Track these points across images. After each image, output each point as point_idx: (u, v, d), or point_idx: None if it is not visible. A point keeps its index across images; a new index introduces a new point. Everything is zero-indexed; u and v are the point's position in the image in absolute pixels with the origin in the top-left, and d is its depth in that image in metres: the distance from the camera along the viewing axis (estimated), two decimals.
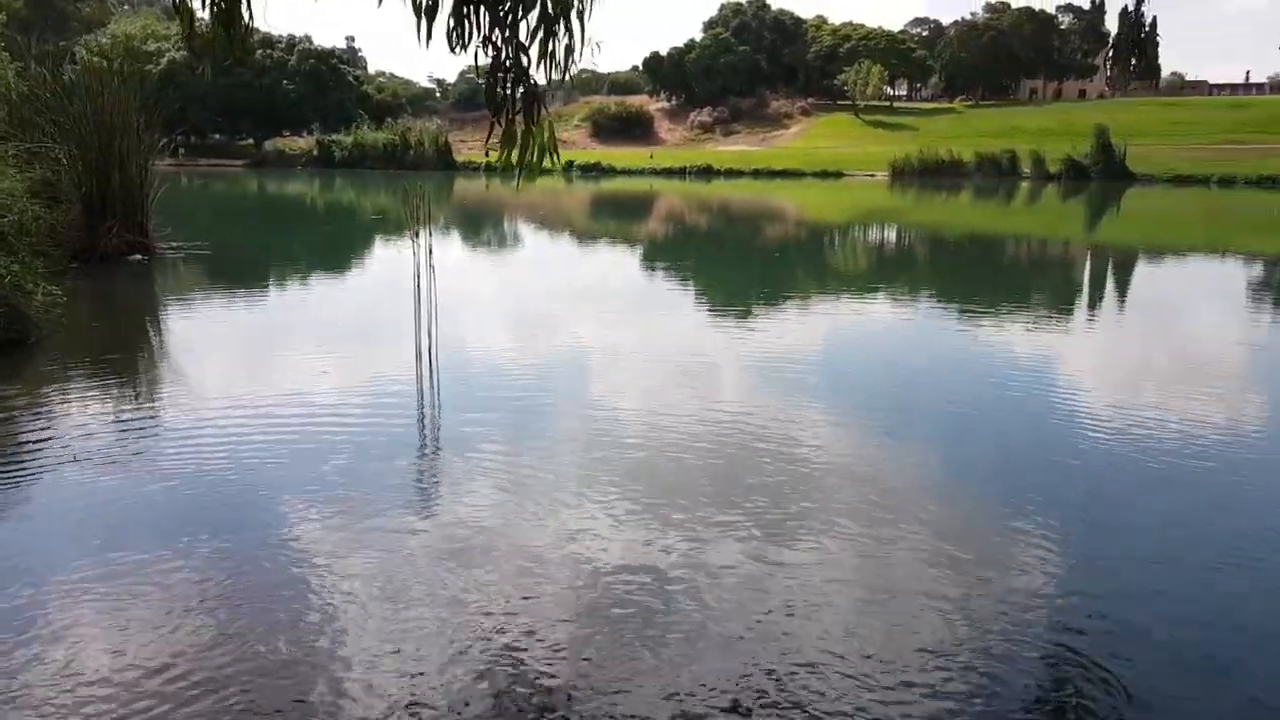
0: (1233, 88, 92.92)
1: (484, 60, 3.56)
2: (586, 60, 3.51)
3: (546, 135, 3.72)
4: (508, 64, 3.52)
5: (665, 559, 5.70)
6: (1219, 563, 5.84)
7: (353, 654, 4.60)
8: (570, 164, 75.04)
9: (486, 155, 4.15)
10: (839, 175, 65.19)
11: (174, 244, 20.27)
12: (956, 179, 61.49)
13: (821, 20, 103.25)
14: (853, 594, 5.32)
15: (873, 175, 64.56)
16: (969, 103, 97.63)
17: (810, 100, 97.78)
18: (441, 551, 5.76)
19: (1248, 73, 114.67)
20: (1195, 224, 37.14)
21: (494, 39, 3.49)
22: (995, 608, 5.16)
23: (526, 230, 32.34)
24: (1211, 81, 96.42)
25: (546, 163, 3.96)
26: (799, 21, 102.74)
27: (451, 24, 3.44)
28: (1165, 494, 6.99)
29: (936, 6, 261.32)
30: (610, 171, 72.27)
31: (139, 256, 18.42)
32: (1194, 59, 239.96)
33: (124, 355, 11.38)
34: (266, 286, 17.82)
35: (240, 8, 3.57)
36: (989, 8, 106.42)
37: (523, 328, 13.37)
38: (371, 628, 4.84)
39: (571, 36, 3.49)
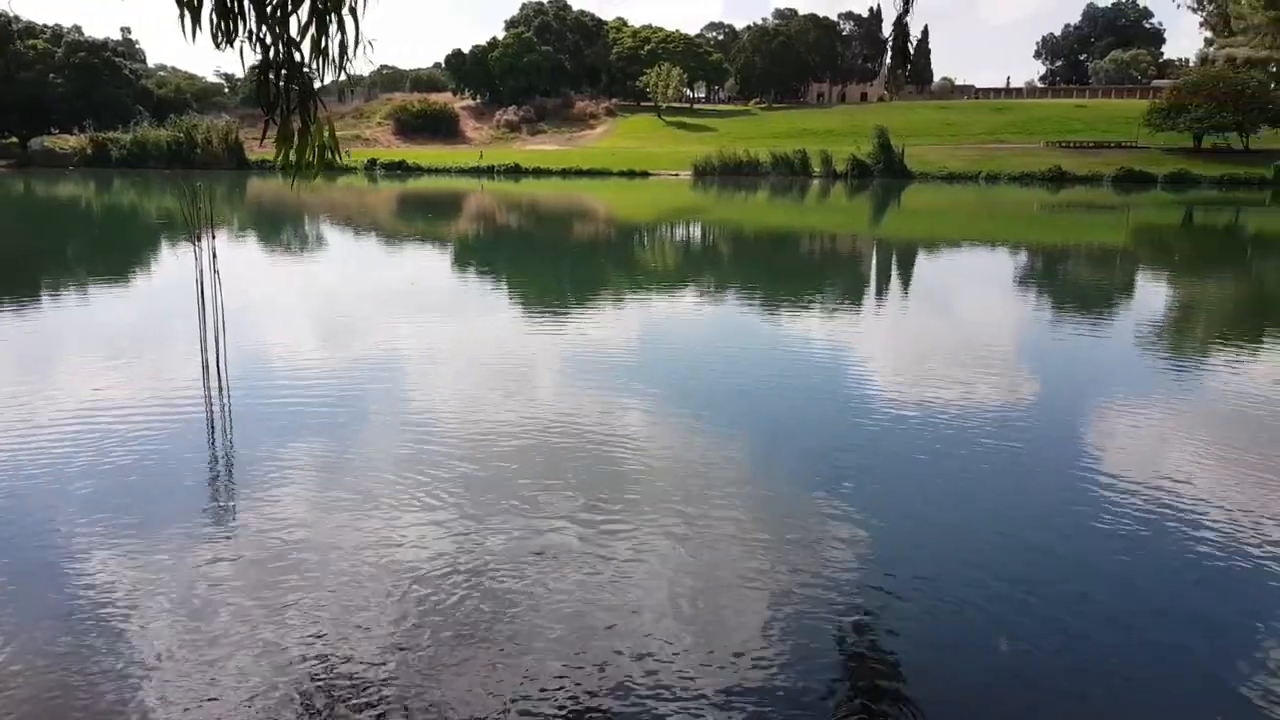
0: (996, 92, 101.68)
1: (253, 56, 3.40)
2: (361, 59, 3.39)
3: (326, 133, 3.59)
4: (279, 60, 3.37)
5: (488, 561, 5.65)
6: (998, 531, 6.44)
7: (153, 692, 4.30)
8: (373, 162, 72.67)
9: (276, 155, 3.95)
10: (645, 174, 66.48)
11: None
12: (754, 177, 64.13)
13: (622, 22, 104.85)
14: (674, 582, 5.46)
15: (676, 174, 66.25)
16: (763, 105, 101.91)
17: (614, 101, 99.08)
18: (248, 570, 5.47)
19: (1008, 78, 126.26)
20: (967, 218, 40.43)
21: (262, 34, 3.34)
22: (806, 586, 5.44)
23: (329, 232, 31.02)
24: (978, 86, 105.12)
25: (344, 160, 3.84)
26: (600, 23, 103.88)
27: (215, 18, 3.25)
28: (953, 469, 7.60)
29: (731, 11, 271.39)
30: (416, 170, 70.54)
31: None
32: (962, 65, 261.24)
33: None
34: (37, 298, 16.20)
35: None
36: (779, 14, 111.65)
37: (326, 334, 12.84)
38: (171, 663, 4.53)
39: (345, 32, 3.39)
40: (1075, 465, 7.67)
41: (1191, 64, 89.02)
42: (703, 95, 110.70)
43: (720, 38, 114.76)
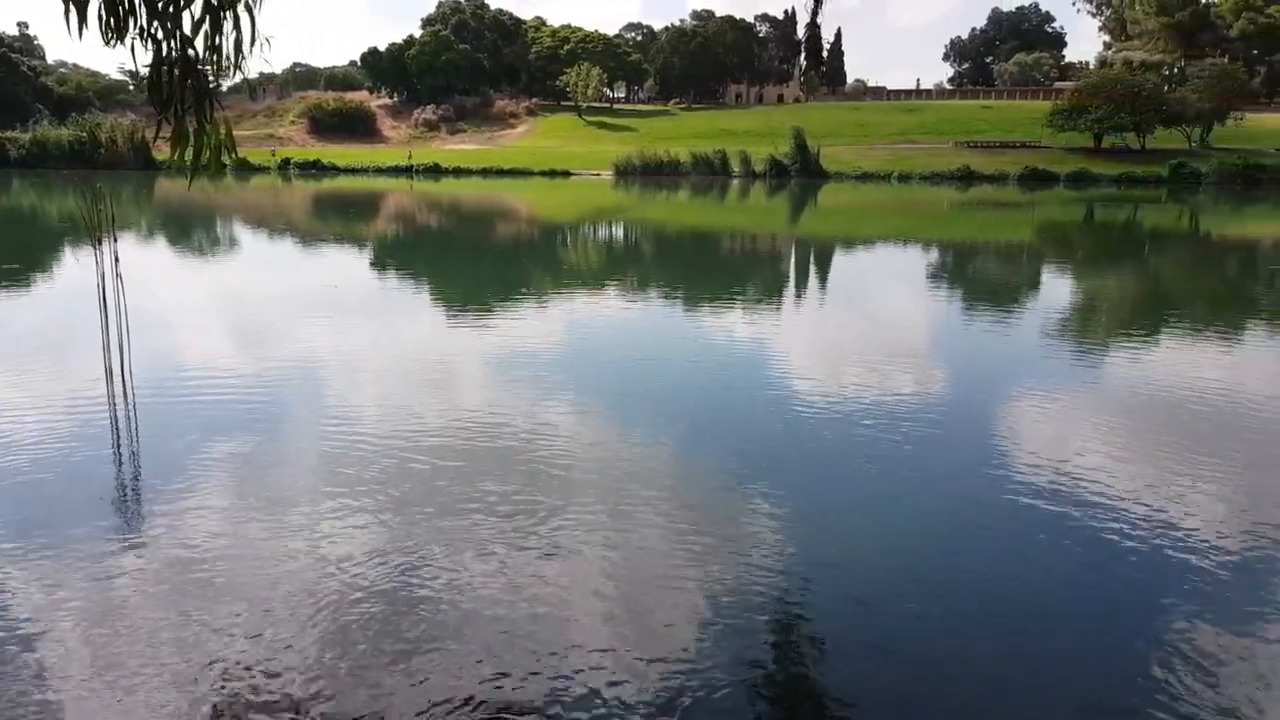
0: (906, 93, 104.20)
1: (145, 54, 3.30)
2: (258, 57, 3.32)
3: (224, 133, 3.51)
4: (172, 58, 3.28)
5: (410, 565, 5.59)
6: (913, 520, 6.64)
7: (52, 717, 4.15)
8: (287, 162, 70.94)
9: (171, 155, 3.84)
10: (566, 174, 66.32)
11: None
12: (675, 177, 64.55)
13: (540, 21, 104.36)
14: (598, 580, 5.49)
15: (598, 174, 66.25)
16: (682, 105, 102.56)
17: (535, 100, 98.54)
18: (157, 585, 5.31)
19: (918, 80, 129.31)
20: (882, 216, 41.38)
21: (153, 31, 3.25)
22: (728, 580, 5.53)
23: (242, 233, 30.19)
24: (889, 88, 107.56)
25: (234, 161, 3.76)
26: (518, 22, 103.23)
27: (104, 14, 3.15)
28: (868, 459, 7.81)
29: (649, 12, 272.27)
30: (333, 170, 69.07)
31: None
32: (874, 67, 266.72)
33: None
34: None
35: None
36: (696, 15, 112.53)
37: (239, 337, 12.51)
38: (78, 683, 4.37)
39: (240, 30, 3.32)
40: (986, 454, 7.95)
41: (1091, 67, 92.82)
42: (622, 95, 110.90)
43: (639, 38, 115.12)
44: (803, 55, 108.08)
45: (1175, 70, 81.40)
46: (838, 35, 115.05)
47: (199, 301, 16.08)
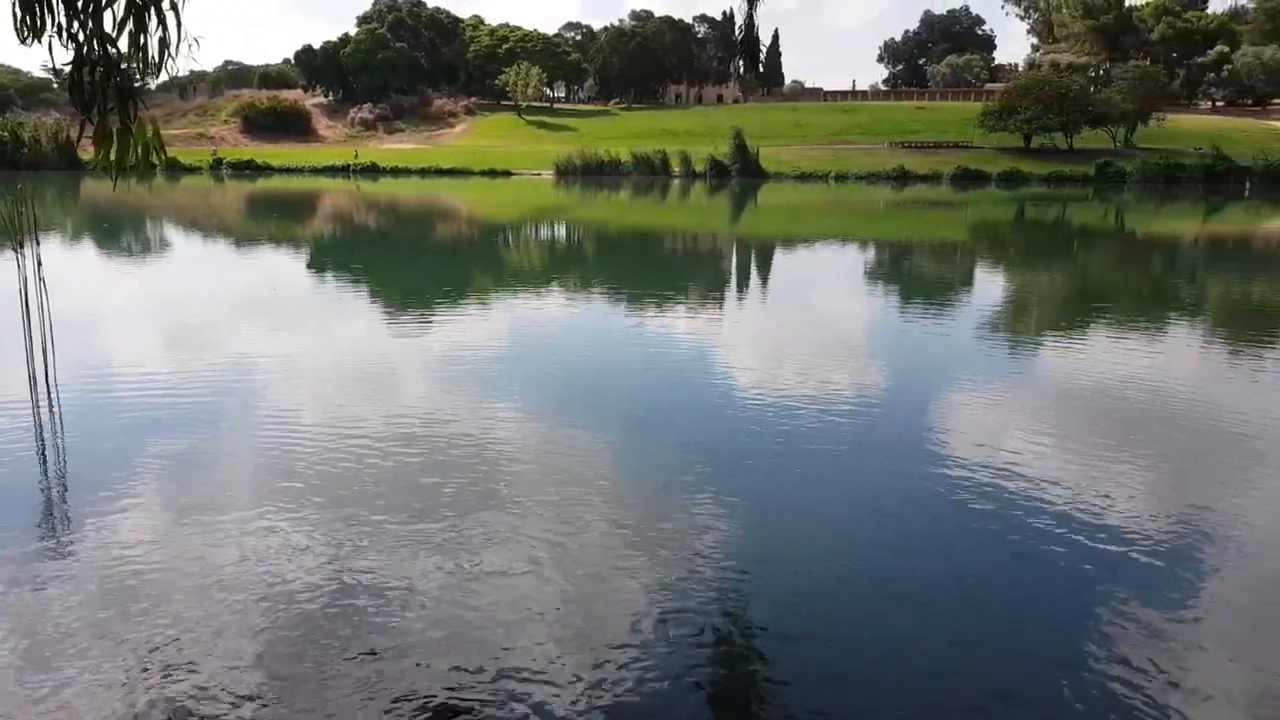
0: (843, 94, 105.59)
1: (65, 52, 3.20)
2: (185, 56, 3.25)
3: (150, 133, 3.43)
4: (94, 57, 3.20)
5: (353, 570, 5.52)
6: (852, 513, 6.76)
7: None
8: (220, 161, 69.32)
9: (95, 155, 3.74)
10: (506, 174, 65.92)
11: None
12: (616, 177, 64.58)
13: (479, 20, 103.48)
14: (544, 580, 5.48)
15: (538, 174, 65.97)
16: (622, 105, 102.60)
17: (473, 99, 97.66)
18: (87, 600, 5.16)
19: (854, 81, 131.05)
20: (820, 215, 41.92)
21: (73, 30, 3.16)
22: (674, 577, 5.57)
23: (173, 235, 29.42)
24: (826, 89, 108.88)
25: (164, 161, 3.67)
26: (456, 20, 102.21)
27: (19, 12, 3.05)
28: (808, 454, 7.92)
29: (588, 12, 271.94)
30: (267, 170, 67.66)
31: None
32: (811, 68, 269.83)
33: None
34: None
35: None
36: (635, 15, 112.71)
37: (171, 342, 12.21)
38: (8, 695, 4.25)
39: (165, 29, 3.24)
40: (922, 447, 8.13)
41: (1020, 69, 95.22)
42: (562, 95, 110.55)
43: (578, 38, 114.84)
44: (739, 55, 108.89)
45: (1100, 72, 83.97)
46: (775, 36, 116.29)
47: (127, 305, 15.65)
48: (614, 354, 12.07)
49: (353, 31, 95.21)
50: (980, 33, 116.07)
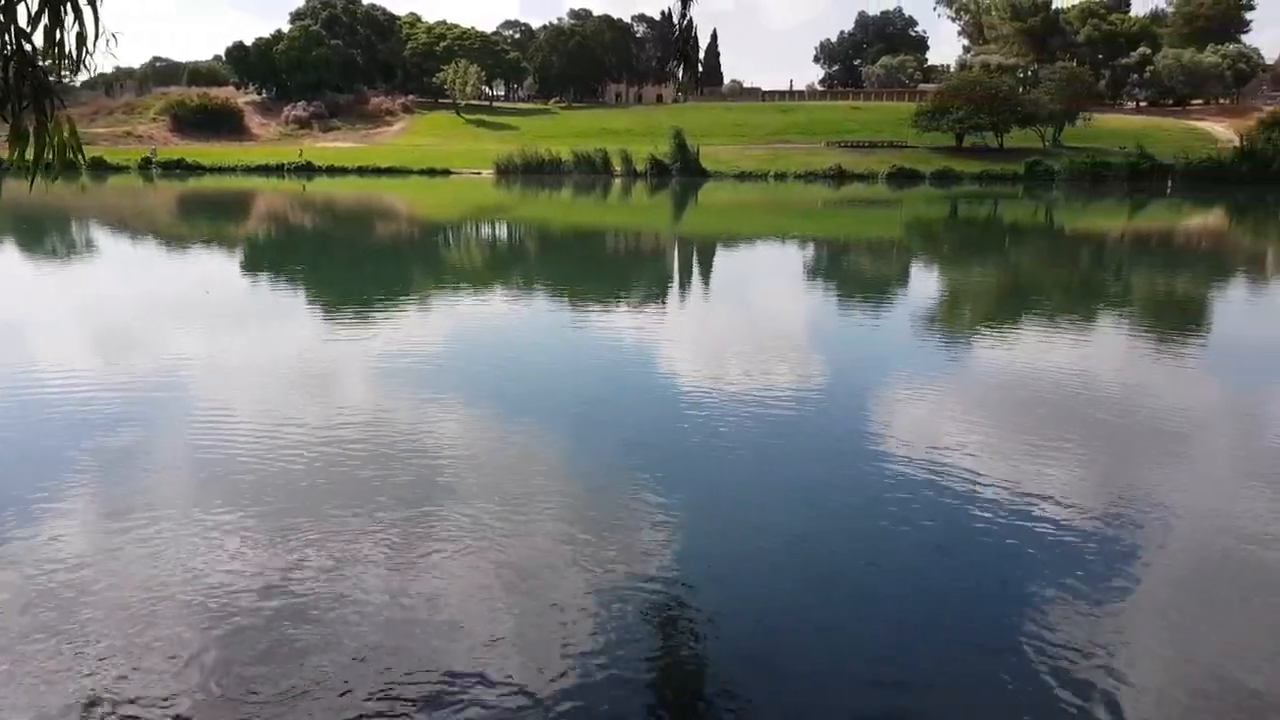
0: (781, 94, 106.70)
1: None
2: (103, 51, 3.15)
3: (67, 131, 3.33)
4: (7, 52, 3.09)
5: (296, 575, 5.43)
6: (793, 507, 6.85)
7: None
8: (149, 161, 67.47)
9: (9, 155, 3.61)
10: (446, 173, 65.31)
11: None
12: (557, 176, 64.38)
13: (416, 18, 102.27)
14: (489, 583, 5.44)
15: (479, 173, 65.49)
16: (563, 104, 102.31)
17: (411, 98, 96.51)
18: (12, 614, 4.99)
19: (791, 81, 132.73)
20: (761, 214, 42.30)
21: None
22: (620, 575, 5.59)
23: (101, 236, 28.50)
24: (764, 89, 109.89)
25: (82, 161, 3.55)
26: (393, 18, 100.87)
27: None
28: (752, 450, 8.00)
29: (527, 10, 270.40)
30: (199, 169, 65.99)
31: None
32: (749, 68, 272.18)
33: None
34: None
35: None
36: (574, 14, 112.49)
37: (102, 345, 11.87)
38: None
39: (82, 23, 3.15)
40: (860, 441, 8.28)
41: (952, 69, 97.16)
42: (502, 93, 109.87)
43: (517, 36, 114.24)
44: (679, 55, 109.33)
45: (1029, 73, 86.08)
46: (714, 36, 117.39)
47: (53, 307, 15.15)
48: (556, 352, 12.05)
49: (286, 28, 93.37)
50: (913, 34, 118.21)
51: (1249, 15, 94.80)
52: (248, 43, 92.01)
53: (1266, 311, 17.38)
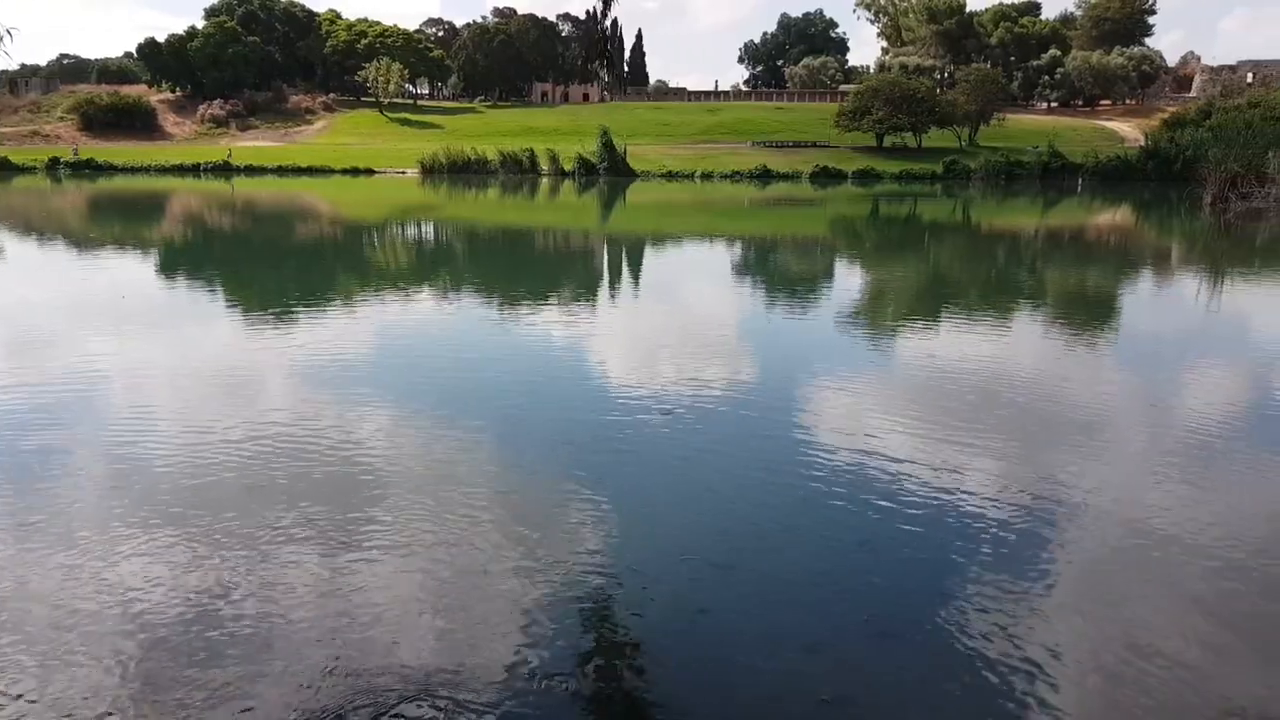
0: (706, 94, 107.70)
1: None
2: None
3: None
4: None
5: (222, 583, 5.40)
6: (725, 505, 7.08)
7: None
8: (56, 161, 64.95)
9: None
10: (369, 172, 64.29)
11: None
12: (483, 175, 63.94)
13: (335, 15, 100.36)
14: (421, 591, 5.48)
15: (403, 172, 64.65)
16: (488, 103, 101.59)
17: (332, 96, 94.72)
18: None
19: (716, 81, 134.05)
20: (689, 213, 42.69)
21: None
22: (552, 576, 5.70)
23: (3, 240, 27.38)
24: (690, 89, 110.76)
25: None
26: (312, 14, 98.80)
27: None
28: (682, 448, 8.21)
29: (450, 8, 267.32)
30: (110, 170, 63.76)
31: None
32: (675, 69, 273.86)
33: None
34: None
35: None
36: (498, 12, 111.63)
37: (8, 351, 11.51)
38: None
39: None
40: (788, 435, 8.56)
41: (871, 71, 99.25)
42: (426, 92, 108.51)
43: (440, 34, 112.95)
44: (604, 55, 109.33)
45: (945, 75, 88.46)
46: (639, 37, 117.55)
47: None
48: (486, 352, 12.11)
49: (200, 24, 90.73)
50: (834, 35, 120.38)
51: (1151, 20, 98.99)
52: (160, 39, 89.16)
53: (1172, 303, 18.33)
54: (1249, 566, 5.95)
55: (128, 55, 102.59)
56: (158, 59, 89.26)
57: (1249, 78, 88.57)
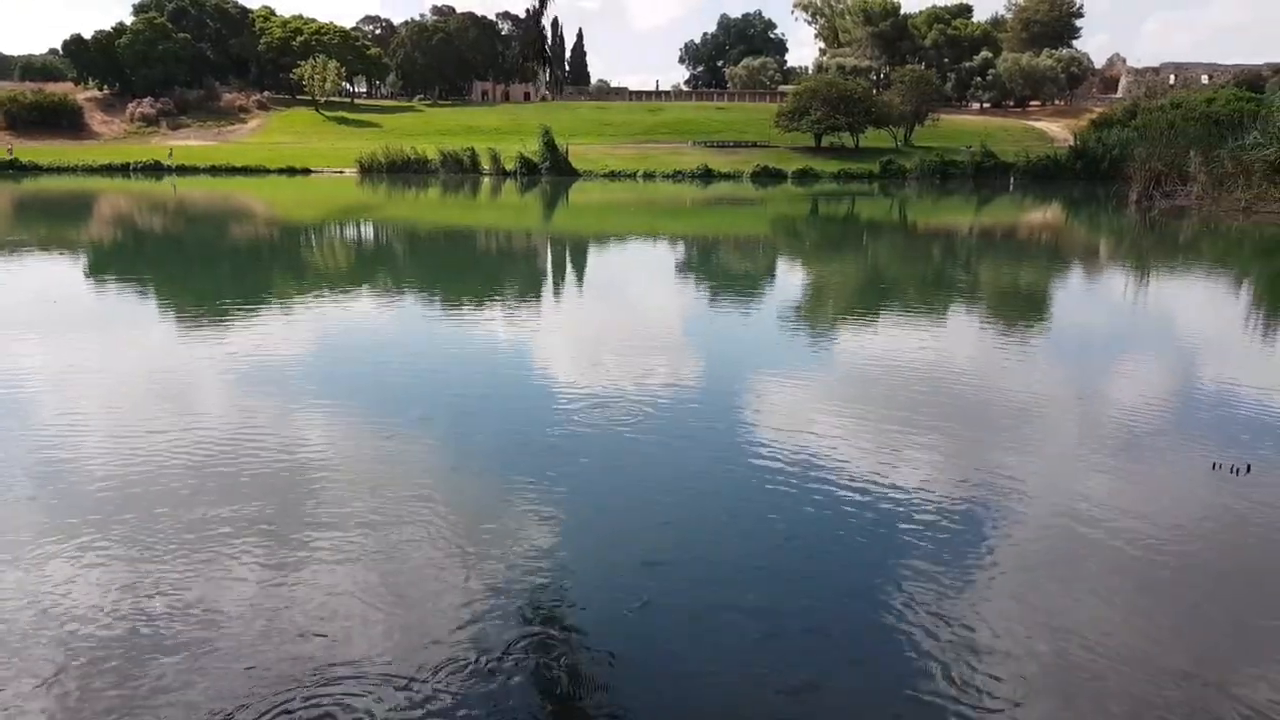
0: (648, 94, 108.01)
1: None
2: None
3: None
4: None
5: (161, 592, 5.33)
6: (663, 499, 7.17)
7: None
8: None
9: None
10: (306, 171, 63.26)
11: None
12: (423, 175, 63.33)
13: (269, 11, 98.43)
14: (367, 593, 5.45)
15: (341, 172, 63.73)
16: (428, 101, 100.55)
17: (267, 94, 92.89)
18: None
19: (657, 81, 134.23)
20: (631, 212, 42.82)
21: None
22: (499, 577, 5.72)
23: None
24: (631, 88, 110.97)
25: None
26: (244, 11, 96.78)
27: None
28: (627, 446, 8.28)
29: (387, 6, 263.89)
30: (35, 170, 61.69)
31: None
32: (616, 68, 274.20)
33: None
34: None
35: None
36: (436, 10, 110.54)
37: None
38: None
39: None
40: (733, 432, 8.70)
41: (810, 71, 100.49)
42: (364, 90, 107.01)
43: (378, 31, 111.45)
44: (546, 54, 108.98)
45: (881, 76, 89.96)
46: (580, 36, 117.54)
47: None
48: (427, 353, 12.05)
49: (129, 20, 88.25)
50: (773, 36, 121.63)
51: (1079, 22, 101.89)
52: (86, 35, 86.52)
53: (1100, 298, 18.93)
54: (1172, 550, 6.22)
55: (53, 52, 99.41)
56: (84, 56, 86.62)
57: (1171, 79, 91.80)
